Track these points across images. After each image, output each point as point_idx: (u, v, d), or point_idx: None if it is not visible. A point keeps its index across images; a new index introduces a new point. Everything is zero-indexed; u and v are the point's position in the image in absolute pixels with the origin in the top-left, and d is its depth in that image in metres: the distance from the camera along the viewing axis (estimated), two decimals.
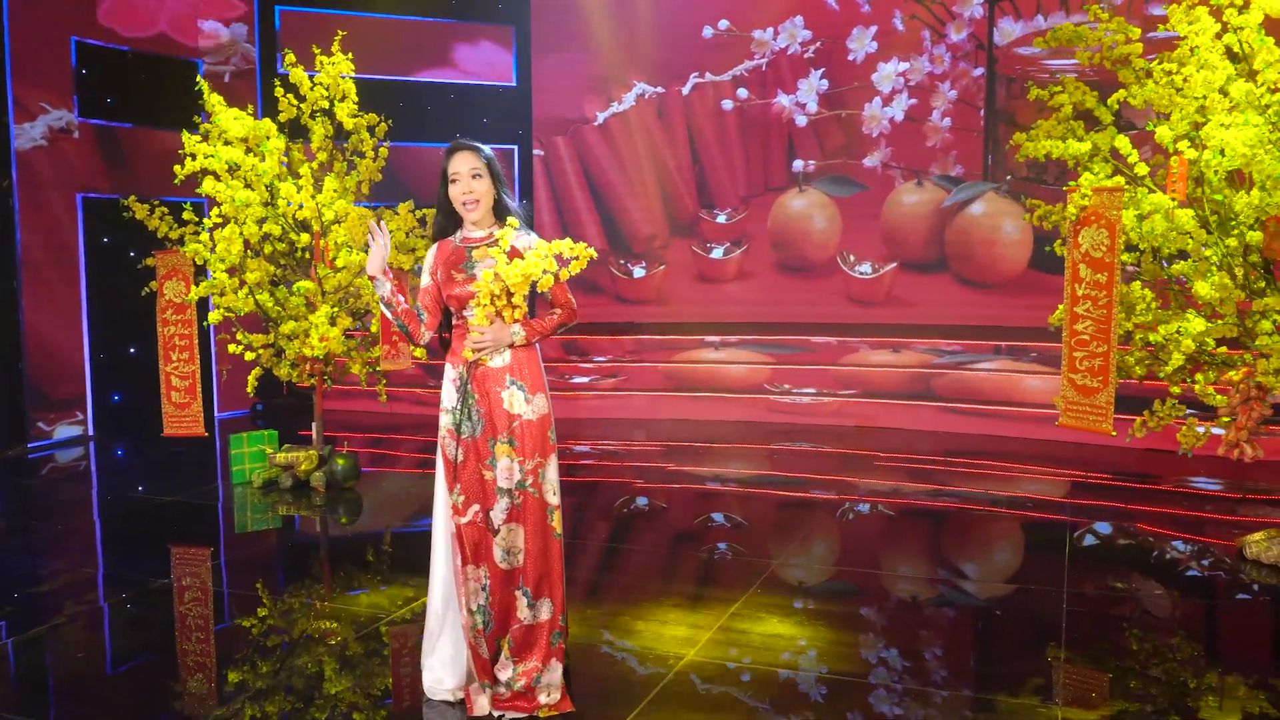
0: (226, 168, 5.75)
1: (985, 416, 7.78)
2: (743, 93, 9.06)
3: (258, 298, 5.93)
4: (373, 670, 3.60)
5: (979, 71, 8.43)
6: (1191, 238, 4.49)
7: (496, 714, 3.16)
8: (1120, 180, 4.62)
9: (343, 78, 5.99)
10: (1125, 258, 4.70)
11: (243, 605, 4.35)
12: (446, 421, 3.21)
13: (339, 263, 5.82)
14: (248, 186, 5.81)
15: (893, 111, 8.68)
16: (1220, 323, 4.54)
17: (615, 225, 9.41)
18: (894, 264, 8.74)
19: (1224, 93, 4.30)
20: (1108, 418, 4.60)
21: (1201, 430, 4.73)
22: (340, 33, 6.08)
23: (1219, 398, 4.65)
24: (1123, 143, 4.59)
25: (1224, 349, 4.67)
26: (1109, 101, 4.81)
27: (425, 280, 3.30)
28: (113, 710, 3.40)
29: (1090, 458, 6.71)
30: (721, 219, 9.21)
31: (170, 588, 4.55)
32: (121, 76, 8.13)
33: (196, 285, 5.88)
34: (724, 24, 9.03)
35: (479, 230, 3.26)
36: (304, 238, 5.85)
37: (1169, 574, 4.71)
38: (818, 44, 8.84)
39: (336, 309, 5.94)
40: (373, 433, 8.03)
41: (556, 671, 3.22)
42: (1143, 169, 4.58)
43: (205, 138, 5.84)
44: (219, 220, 5.91)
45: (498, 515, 3.15)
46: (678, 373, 8.83)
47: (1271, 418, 4.69)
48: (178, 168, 5.74)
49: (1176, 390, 4.66)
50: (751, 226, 9.11)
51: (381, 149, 6.24)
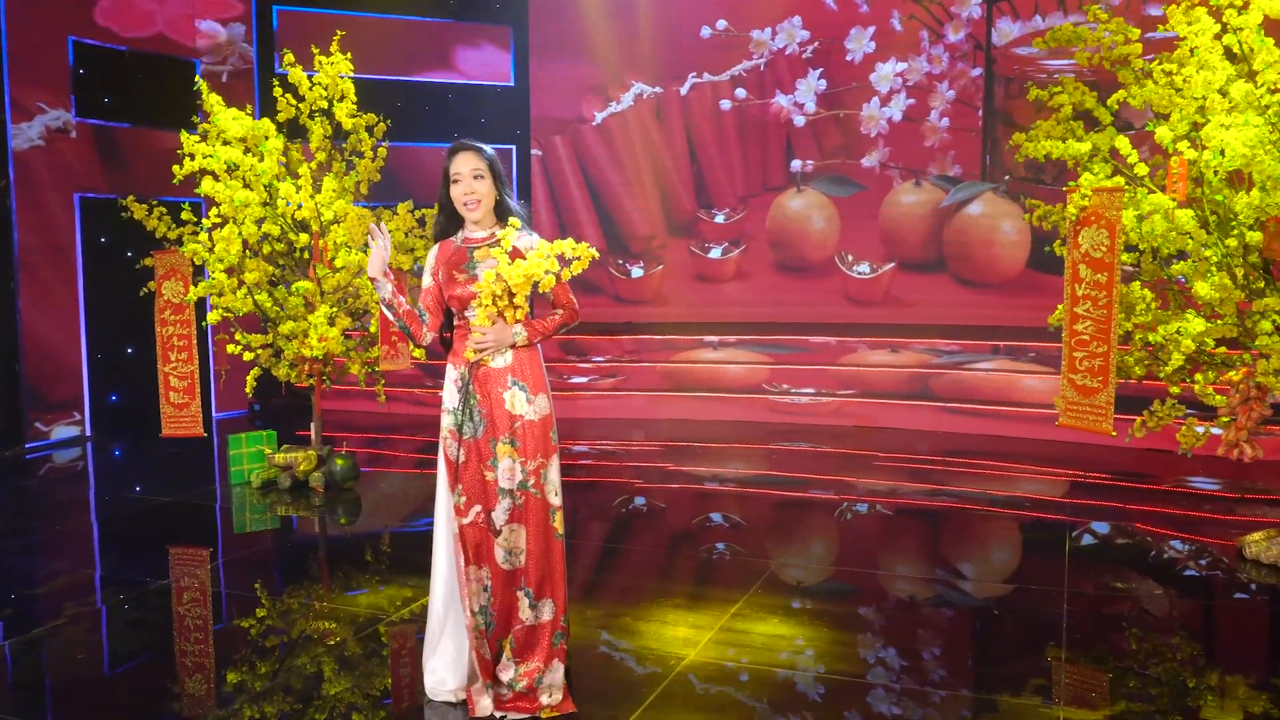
0: (225, 168, 5.75)
1: (984, 416, 7.78)
2: (741, 93, 9.06)
3: (256, 298, 5.92)
4: (372, 671, 3.59)
5: (977, 72, 8.44)
6: (1191, 238, 4.49)
7: (499, 715, 3.15)
8: (1120, 180, 4.62)
9: (341, 78, 5.98)
10: (1125, 258, 4.71)
11: (241, 606, 4.34)
12: (448, 422, 3.20)
13: (338, 263, 5.81)
14: (246, 186, 5.81)
15: (891, 112, 8.69)
16: (1220, 323, 4.54)
17: (613, 225, 9.41)
18: (892, 264, 8.75)
19: (1224, 93, 4.30)
20: (1108, 418, 4.60)
21: (1201, 430, 4.73)
22: (339, 33, 6.08)
23: (1218, 398, 4.65)
24: (1122, 143, 4.59)
25: (1223, 349, 4.68)
26: (1109, 102, 4.82)
27: (427, 281, 3.29)
28: (112, 712, 3.40)
29: (1089, 457, 6.71)
30: (720, 219, 9.21)
31: (169, 589, 4.54)
32: (119, 76, 8.11)
33: (195, 285, 5.87)
34: (722, 24, 9.03)
35: (480, 230, 3.25)
36: (303, 238, 5.84)
37: (1168, 574, 4.71)
38: (816, 44, 8.85)
39: (335, 309, 5.93)
40: (371, 433, 8.02)
41: (558, 672, 3.21)
42: (1142, 169, 4.58)
43: (204, 138, 5.84)
44: (217, 220, 5.91)
45: (499, 516, 3.15)
46: (676, 373, 8.82)
47: (1271, 418, 4.70)
48: (176, 168, 5.74)
49: (1176, 390, 4.67)
50: (750, 226, 9.12)
51: (380, 149, 6.24)
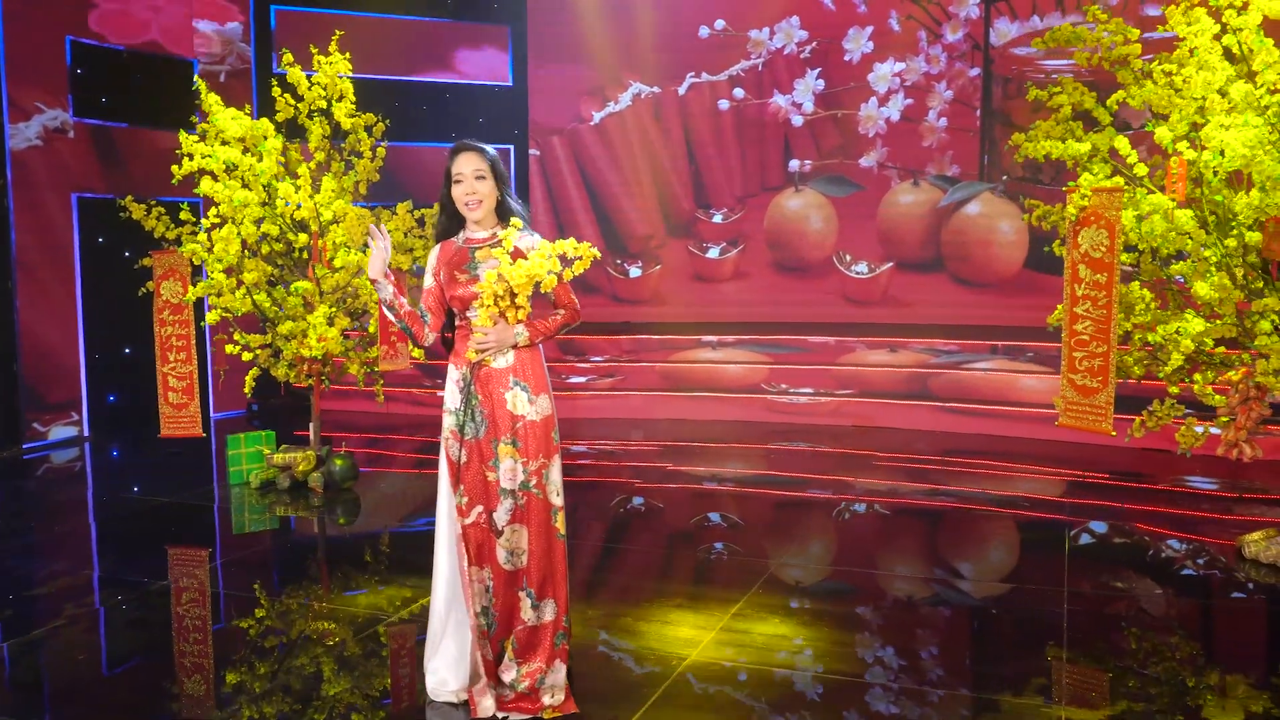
0: (224, 168, 5.74)
1: (982, 416, 7.78)
2: (739, 93, 9.06)
3: (255, 298, 5.91)
4: (371, 671, 3.59)
5: (975, 72, 8.44)
6: (1191, 238, 4.50)
7: (501, 715, 3.15)
8: (1119, 181, 4.63)
9: (340, 77, 5.98)
10: (1124, 258, 4.71)
11: (240, 606, 4.33)
12: (450, 423, 3.20)
13: (337, 263, 5.81)
14: (245, 186, 5.80)
15: (889, 112, 8.69)
16: (1219, 323, 4.55)
17: (611, 225, 9.40)
18: (890, 264, 8.75)
19: (1223, 94, 4.31)
20: (1107, 418, 4.61)
21: (1200, 430, 4.73)
22: (338, 32, 6.07)
23: (1218, 398, 4.66)
24: (1122, 143, 4.60)
25: (1223, 349, 4.68)
26: (1108, 102, 4.82)
27: (428, 281, 3.28)
28: (111, 713, 3.39)
29: (1088, 457, 6.72)
30: (718, 219, 9.20)
31: (168, 589, 4.53)
32: (116, 76, 8.10)
33: (194, 285, 5.86)
34: (720, 24, 9.03)
35: (482, 231, 3.25)
36: (302, 238, 5.83)
37: (1168, 573, 4.72)
38: (814, 44, 8.84)
39: (334, 309, 5.92)
40: (370, 433, 8.01)
41: (560, 673, 3.21)
42: (1142, 169, 4.59)
43: (203, 137, 5.83)
44: (216, 220, 5.90)
45: (501, 516, 3.15)
46: (674, 372, 8.82)
47: (1270, 418, 4.70)
48: (175, 168, 5.73)
49: (1175, 390, 4.67)
50: (748, 226, 9.11)
51: (379, 149, 6.23)
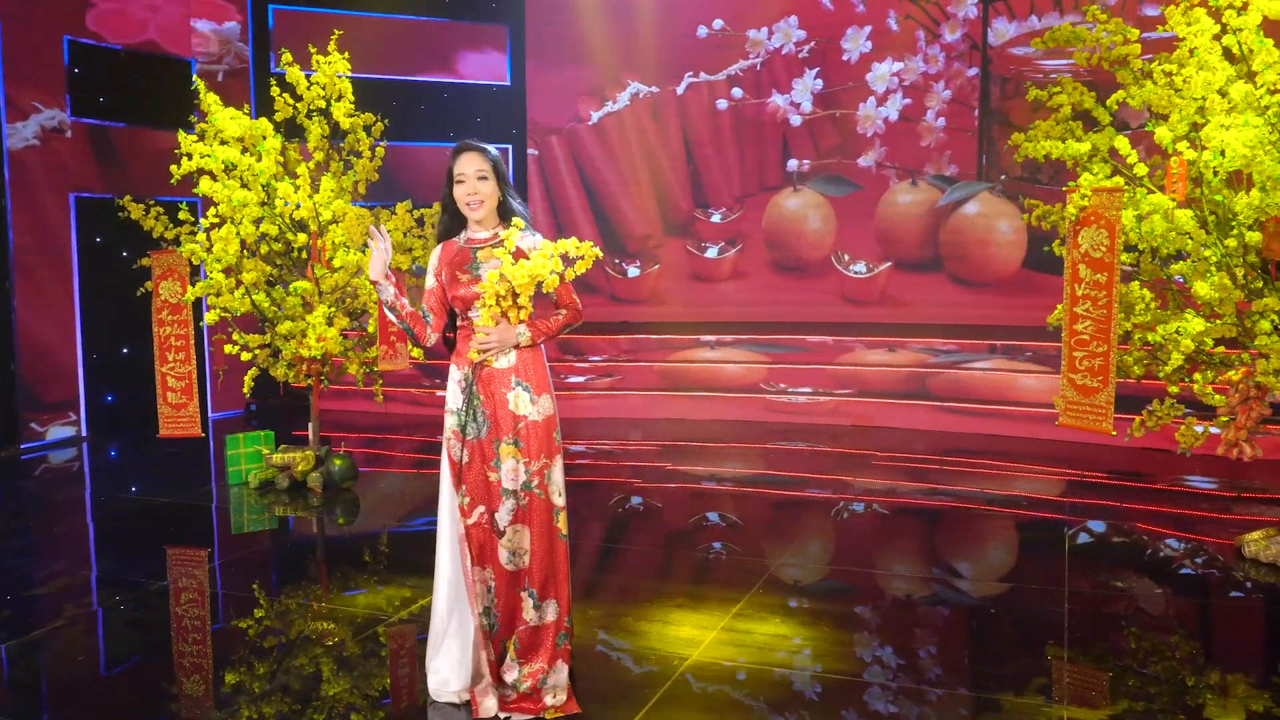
0: (223, 167, 5.73)
1: (981, 415, 7.79)
2: (737, 92, 9.05)
3: (254, 298, 5.90)
4: (371, 671, 3.58)
5: (973, 71, 8.45)
6: (1191, 238, 4.50)
7: (503, 715, 3.15)
8: (1119, 181, 4.63)
9: (339, 77, 5.97)
10: (1124, 258, 4.71)
11: (239, 607, 4.33)
12: (451, 423, 3.20)
13: (336, 263, 5.80)
14: (244, 186, 5.79)
15: (887, 111, 8.69)
16: (1219, 323, 4.55)
17: (610, 225, 9.40)
18: (889, 263, 8.75)
19: (1223, 94, 4.31)
20: (1108, 417, 4.61)
21: (1200, 430, 4.74)
22: (337, 32, 6.06)
23: (1218, 397, 4.66)
24: (1121, 143, 4.60)
25: (1222, 349, 4.69)
26: (1108, 102, 4.82)
27: (430, 282, 3.28)
28: (110, 713, 3.38)
29: (1087, 457, 6.72)
30: (716, 218, 9.20)
31: (166, 589, 4.52)
32: (114, 75, 8.08)
33: (192, 285, 5.85)
34: (718, 24, 9.03)
35: (483, 231, 3.25)
36: (301, 238, 5.83)
37: (1167, 573, 4.72)
38: (812, 44, 8.84)
39: (333, 309, 5.91)
40: (369, 433, 8.01)
41: (562, 673, 3.21)
42: (1142, 169, 4.59)
43: (201, 137, 5.82)
44: (215, 220, 5.89)
45: (503, 517, 3.14)
46: (673, 372, 8.82)
47: (1270, 417, 4.70)
48: (174, 167, 5.72)
49: (1175, 390, 4.67)
50: (746, 226, 9.11)
51: (378, 148, 6.22)
